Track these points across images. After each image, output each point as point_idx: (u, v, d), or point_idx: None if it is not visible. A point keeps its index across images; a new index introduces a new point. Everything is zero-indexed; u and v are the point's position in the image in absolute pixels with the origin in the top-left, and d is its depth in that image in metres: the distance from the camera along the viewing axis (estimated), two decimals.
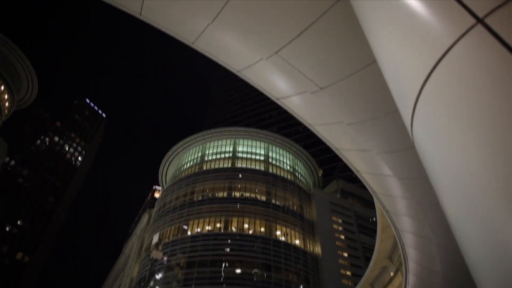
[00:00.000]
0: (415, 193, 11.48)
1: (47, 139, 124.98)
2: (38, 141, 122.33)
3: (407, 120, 2.33)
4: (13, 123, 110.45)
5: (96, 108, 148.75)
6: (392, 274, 24.38)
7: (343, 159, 11.09)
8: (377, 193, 13.06)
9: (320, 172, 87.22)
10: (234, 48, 7.99)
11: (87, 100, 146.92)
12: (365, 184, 12.98)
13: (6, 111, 68.44)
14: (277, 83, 8.63)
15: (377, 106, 7.32)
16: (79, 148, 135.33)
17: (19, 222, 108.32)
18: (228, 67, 8.64)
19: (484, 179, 1.61)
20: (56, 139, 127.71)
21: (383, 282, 25.97)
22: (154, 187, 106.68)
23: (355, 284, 35.93)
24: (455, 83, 1.86)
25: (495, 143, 1.59)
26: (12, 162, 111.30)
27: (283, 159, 77.92)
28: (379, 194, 13.07)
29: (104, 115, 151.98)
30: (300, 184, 76.47)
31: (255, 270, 55.51)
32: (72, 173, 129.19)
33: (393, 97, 2.68)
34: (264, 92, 9.12)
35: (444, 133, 1.92)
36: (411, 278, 17.48)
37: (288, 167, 77.70)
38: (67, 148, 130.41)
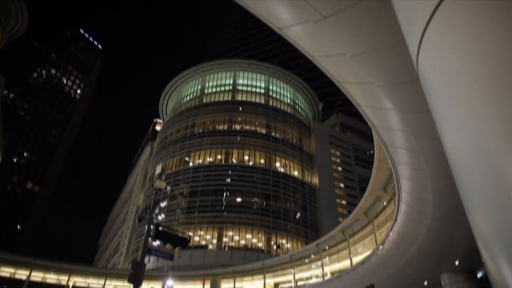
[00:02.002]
0: (414, 127, 11.57)
1: (43, 72, 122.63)
2: (35, 74, 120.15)
3: (413, 51, 2.25)
4: (7, 55, 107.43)
5: (91, 39, 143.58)
6: (385, 203, 25.62)
7: (344, 93, 10.97)
8: (376, 126, 13.15)
9: (320, 106, 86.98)
10: None
11: (81, 31, 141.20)
12: (365, 118, 13.02)
13: None
14: (279, 12, 8.20)
15: (381, 37, 7.03)
16: (77, 81, 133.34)
17: (25, 153, 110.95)
18: None
19: (489, 112, 1.60)
20: (53, 71, 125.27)
21: (376, 210, 27.41)
22: (155, 120, 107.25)
23: (350, 212, 37.99)
24: (469, 11, 1.76)
25: (503, 77, 1.55)
26: (11, 95, 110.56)
27: (284, 92, 77.19)
28: (378, 128, 13.18)
29: (100, 46, 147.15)
30: (300, 117, 76.74)
31: (255, 199, 58.25)
32: (73, 106, 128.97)
33: (400, 25, 2.55)
34: (265, 22, 8.70)
35: (452, 65, 1.87)
36: (403, 207, 18.40)
37: (289, 100, 77.29)
38: (65, 81, 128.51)
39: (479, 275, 23.98)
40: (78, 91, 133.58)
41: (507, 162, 1.47)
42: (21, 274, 41.20)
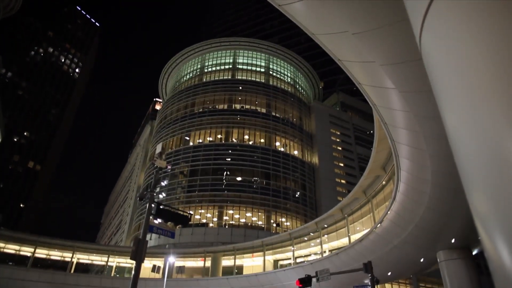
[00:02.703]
0: (414, 106, 11.54)
1: (41, 50, 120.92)
2: (32, 52, 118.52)
3: (416, 29, 2.21)
4: (4, 33, 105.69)
5: (88, 16, 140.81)
6: (384, 182, 25.82)
7: (345, 71, 10.88)
8: (377, 105, 13.11)
9: (321, 85, 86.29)
10: None
11: (78, 8, 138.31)
12: (365, 97, 12.96)
13: None
14: None
15: (384, 14, 6.90)
16: (75, 60, 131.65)
17: (25, 133, 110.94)
18: None
19: (492, 92, 1.60)
20: (51, 50, 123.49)
21: (375, 189, 27.65)
22: (154, 99, 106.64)
23: (349, 191, 38.35)
24: None
25: (508, 57, 1.54)
26: (9, 74, 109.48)
27: (284, 71, 76.42)
28: (379, 107, 13.14)
29: (98, 24, 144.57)
30: (301, 96, 76.28)
31: (255, 178, 58.69)
32: (72, 85, 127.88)
33: (404, 2, 2.50)
34: None
35: (456, 43, 1.84)
36: (402, 186, 18.56)
37: (289, 79, 76.62)
38: (63, 60, 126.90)
39: (474, 252, 24.47)
40: (77, 70, 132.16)
41: (507, 142, 1.47)
42: (26, 251, 42.03)
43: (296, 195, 60.56)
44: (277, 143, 64.77)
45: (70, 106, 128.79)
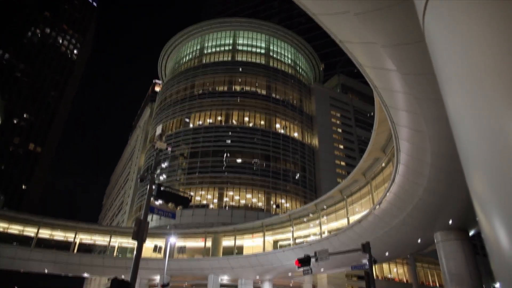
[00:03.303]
0: (415, 89, 11.48)
1: (38, 31, 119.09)
2: (29, 33, 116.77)
3: (419, 9, 2.18)
4: None
5: None
6: (383, 164, 25.95)
7: (346, 53, 10.75)
8: (377, 87, 13.03)
9: (322, 67, 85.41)
10: None
11: None
12: (366, 79, 12.87)
13: None
14: None
15: None
16: (73, 41, 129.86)
17: (25, 115, 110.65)
18: None
19: (495, 75, 1.59)
20: (48, 30, 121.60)
21: (374, 171, 27.81)
22: (154, 81, 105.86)
23: (348, 173, 38.58)
24: None
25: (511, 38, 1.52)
26: (6, 56, 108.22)
27: (284, 53, 75.53)
28: (380, 89, 13.07)
29: (95, 4, 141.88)
30: (301, 78, 75.67)
31: (255, 160, 58.91)
32: (70, 67, 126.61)
33: None
34: None
35: (460, 25, 1.82)
36: (401, 168, 18.67)
37: (289, 60, 75.82)
38: (60, 41, 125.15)
39: (471, 233, 24.82)
40: (75, 51, 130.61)
41: (509, 125, 1.48)
42: (30, 231, 42.63)
43: (296, 177, 60.93)
44: (277, 125, 64.70)
45: (69, 88, 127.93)
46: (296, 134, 65.98)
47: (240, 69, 68.29)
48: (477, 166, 1.67)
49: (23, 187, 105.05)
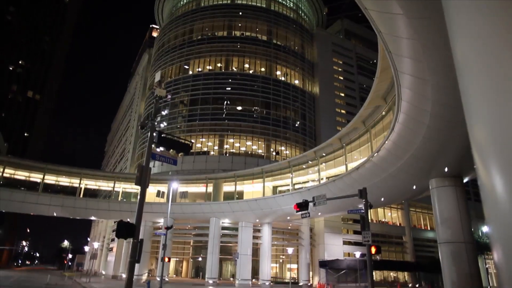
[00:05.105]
0: (422, 34, 11.13)
1: None
2: None
3: None
4: None
5: None
6: (384, 113, 25.88)
7: None
8: (382, 33, 12.62)
9: (325, 11, 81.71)
10: None
11: None
12: (371, 24, 12.42)
13: None
14: None
15: None
16: None
17: (20, 61, 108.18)
18: None
19: (503, 22, 1.53)
20: None
21: (374, 119, 27.82)
22: (151, 26, 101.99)
23: (349, 121, 38.62)
24: None
25: None
26: None
27: None
28: (385, 34, 12.66)
29: None
30: (303, 23, 72.79)
31: (255, 107, 58.69)
32: (63, 11, 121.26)
33: None
34: None
35: None
36: (401, 116, 18.67)
37: (291, 4, 72.36)
38: None
39: (465, 179, 25.47)
40: None
41: None
42: (36, 177, 43.76)
43: (296, 125, 61.12)
44: (278, 72, 63.51)
45: (64, 33, 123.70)
46: (297, 82, 65.00)
47: (240, 13, 65.46)
48: (480, 115, 1.67)
49: (26, 134, 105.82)
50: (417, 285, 57.08)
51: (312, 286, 48.00)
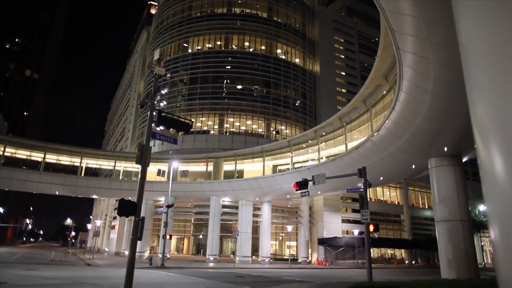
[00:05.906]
0: (425, 11, 10.93)
1: None
2: None
3: None
4: None
5: None
6: (384, 92, 25.69)
7: None
8: (385, 10, 12.39)
9: None
10: None
11: None
12: (374, 1, 12.18)
13: None
14: None
15: None
16: None
17: (17, 39, 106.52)
18: None
19: (508, 1, 1.50)
20: None
21: (375, 99, 27.65)
22: (149, 2, 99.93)
23: (349, 100, 38.36)
24: None
25: None
26: None
27: None
28: (387, 11, 12.44)
29: None
30: None
31: (255, 86, 58.26)
32: None
33: None
34: None
35: None
36: (402, 95, 18.55)
37: None
38: None
39: (464, 159, 25.56)
40: None
41: None
42: (37, 156, 43.91)
43: (296, 104, 60.83)
44: (278, 50, 62.64)
45: (60, 10, 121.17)
46: (297, 60, 64.24)
47: None
48: (482, 93, 1.66)
49: (25, 113, 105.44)
50: (413, 262, 58.34)
51: (311, 263, 49.05)
